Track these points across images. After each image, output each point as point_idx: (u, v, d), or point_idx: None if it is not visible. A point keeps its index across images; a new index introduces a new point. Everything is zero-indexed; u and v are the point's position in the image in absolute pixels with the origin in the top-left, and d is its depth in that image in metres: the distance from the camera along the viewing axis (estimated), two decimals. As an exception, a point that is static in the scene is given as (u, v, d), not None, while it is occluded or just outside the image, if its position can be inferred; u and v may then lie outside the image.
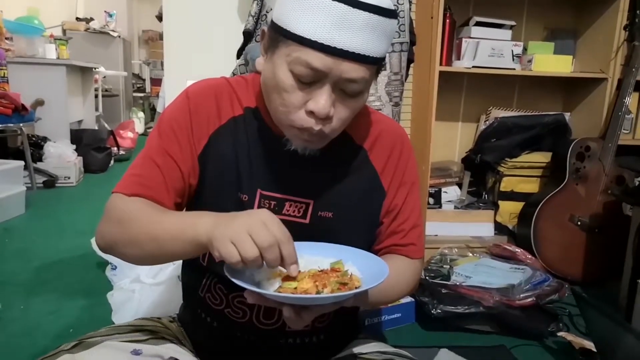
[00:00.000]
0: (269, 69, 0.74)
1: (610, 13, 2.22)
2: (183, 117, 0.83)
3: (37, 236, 2.51)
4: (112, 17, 5.95)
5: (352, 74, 0.69)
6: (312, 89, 0.71)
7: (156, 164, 0.80)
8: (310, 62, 0.68)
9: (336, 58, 0.68)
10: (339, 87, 0.71)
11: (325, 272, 0.71)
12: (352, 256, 0.77)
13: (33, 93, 3.58)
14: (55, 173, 3.59)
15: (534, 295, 1.63)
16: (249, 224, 0.63)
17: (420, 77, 2.16)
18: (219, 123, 0.84)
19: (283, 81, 0.71)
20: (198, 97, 0.84)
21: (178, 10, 2.01)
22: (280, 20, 0.71)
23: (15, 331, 1.55)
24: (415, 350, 0.91)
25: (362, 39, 0.68)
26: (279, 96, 0.73)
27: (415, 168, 0.93)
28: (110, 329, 0.86)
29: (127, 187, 0.80)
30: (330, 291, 0.66)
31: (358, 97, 0.74)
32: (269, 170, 0.83)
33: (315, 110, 0.71)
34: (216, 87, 0.85)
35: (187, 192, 0.84)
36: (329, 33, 0.67)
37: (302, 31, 0.68)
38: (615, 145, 2.07)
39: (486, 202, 2.39)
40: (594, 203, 2.09)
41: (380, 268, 0.72)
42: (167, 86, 2.06)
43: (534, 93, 2.52)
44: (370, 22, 0.68)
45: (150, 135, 0.85)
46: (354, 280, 0.69)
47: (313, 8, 0.67)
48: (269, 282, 0.69)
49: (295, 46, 0.69)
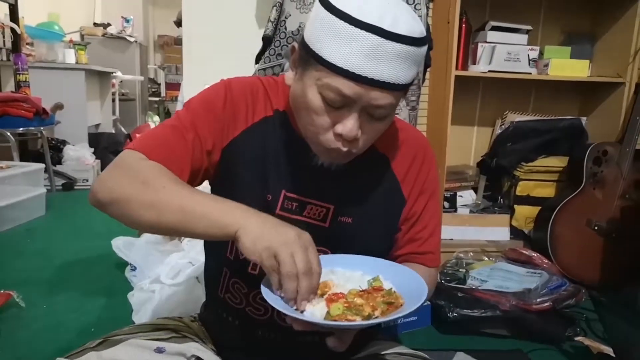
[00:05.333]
0: (299, 87, 0.75)
1: (628, 17, 2.21)
2: (220, 103, 0.83)
3: (57, 237, 2.56)
4: (129, 22, 6.02)
5: (381, 101, 0.70)
6: (340, 112, 0.72)
7: (183, 136, 0.79)
8: (341, 90, 0.69)
9: (366, 86, 0.69)
10: (366, 112, 0.72)
11: (369, 292, 0.71)
12: (385, 269, 0.77)
13: (53, 97, 3.64)
14: (74, 176, 3.65)
15: (550, 300, 1.62)
16: (293, 243, 0.65)
17: (436, 81, 2.17)
18: (252, 120, 0.85)
19: (312, 103, 0.72)
20: (236, 89, 0.85)
21: (197, 15, 2.04)
22: (312, 43, 0.71)
23: (39, 329, 1.58)
24: (431, 353, 0.91)
25: (393, 69, 0.68)
26: (307, 116, 0.75)
27: (436, 177, 0.93)
28: (134, 328, 0.88)
29: (151, 150, 0.77)
30: (381, 312, 0.66)
31: (384, 120, 0.75)
32: (293, 172, 0.85)
33: (343, 133, 0.72)
34: (252, 85, 0.87)
35: (199, 176, 0.83)
36: (361, 63, 0.67)
37: (334, 59, 0.68)
38: (632, 149, 2.05)
39: (502, 206, 2.38)
40: (611, 207, 2.08)
41: (415, 280, 0.73)
42: (185, 91, 2.09)
43: (551, 97, 2.51)
44: (402, 53, 0.68)
45: (178, 111, 0.84)
46: (398, 298, 0.69)
47: (346, 37, 0.67)
48: (311, 303, 0.68)
49: (326, 72, 0.69)
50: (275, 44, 1.58)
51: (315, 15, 0.72)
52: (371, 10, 0.67)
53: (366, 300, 0.68)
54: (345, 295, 0.70)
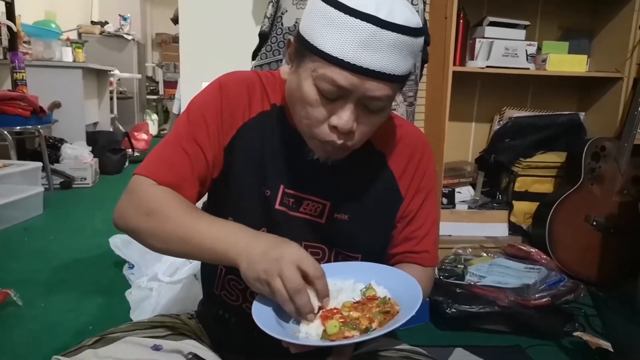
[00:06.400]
0: (295, 80, 0.75)
1: (625, 12, 2.20)
2: (214, 106, 0.83)
3: (55, 236, 2.56)
4: (127, 20, 6.02)
5: (377, 92, 0.70)
6: (336, 104, 0.71)
7: (185, 152, 0.80)
8: (336, 80, 0.68)
9: (362, 77, 0.68)
10: (362, 103, 0.71)
11: (364, 303, 0.69)
12: (376, 274, 0.76)
13: (50, 95, 3.64)
14: (71, 174, 3.65)
15: (549, 296, 1.63)
16: (279, 266, 0.65)
17: (434, 77, 2.16)
18: (249, 116, 0.84)
19: (308, 95, 0.72)
20: (231, 87, 0.84)
21: (194, 12, 2.04)
22: (307, 34, 0.71)
23: (36, 328, 1.58)
24: (430, 349, 0.91)
25: (389, 59, 0.68)
26: (302, 109, 0.74)
27: (434, 175, 0.93)
28: (131, 325, 0.87)
29: (157, 172, 0.79)
30: (378, 324, 0.65)
31: (381, 112, 0.75)
32: (291, 167, 0.84)
33: (338, 125, 0.71)
34: (248, 80, 0.86)
35: (208, 182, 0.84)
36: (356, 52, 0.66)
37: (329, 49, 0.67)
38: (631, 145, 2.05)
39: (500, 202, 2.38)
40: (609, 203, 2.08)
41: (408, 282, 0.72)
42: (183, 88, 2.08)
43: (549, 93, 2.51)
44: (398, 42, 0.67)
45: (178, 120, 0.85)
46: (394, 306, 0.68)
47: (341, 26, 0.66)
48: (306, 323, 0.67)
49: (321, 62, 0.69)
50: (272, 40, 1.57)
51: (310, 6, 0.72)
52: (368, 0, 0.66)
53: (362, 312, 0.67)
54: (340, 309, 0.68)
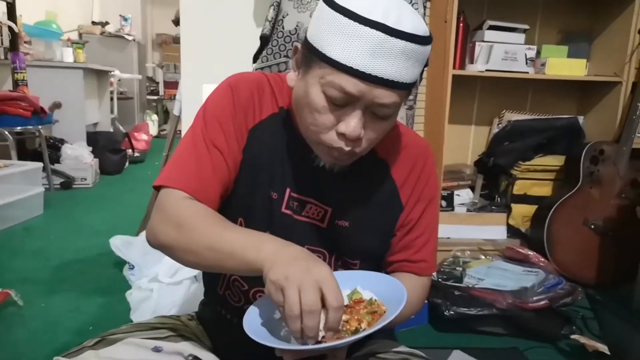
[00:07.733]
0: (302, 87, 0.75)
1: (625, 16, 2.22)
2: (228, 109, 0.82)
3: (55, 236, 2.57)
4: (127, 20, 6.03)
5: (385, 99, 0.70)
6: (343, 111, 0.72)
7: (206, 157, 0.79)
8: (344, 87, 0.68)
9: (370, 84, 0.68)
10: (370, 110, 0.72)
11: (351, 307, 0.70)
12: (361, 280, 0.77)
13: (51, 96, 3.64)
14: (72, 174, 3.65)
15: (547, 298, 1.63)
16: (302, 277, 0.61)
17: (433, 80, 2.17)
18: (260, 117, 0.84)
19: (315, 102, 0.72)
20: (241, 89, 0.84)
21: (195, 14, 2.04)
22: (315, 41, 0.71)
23: (37, 327, 1.59)
24: (428, 351, 0.91)
25: (397, 67, 0.68)
26: (310, 115, 0.74)
27: (436, 184, 0.93)
28: (131, 327, 0.87)
29: (183, 183, 0.78)
30: (367, 324, 0.66)
31: (388, 119, 0.75)
32: (297, 171, 0.84)
33: (346, 132, 0.72)
34: (257, 81, 0.86)
35: (230, 184, 0.83)
36: (365, 60, 0.67)
37: (338, 56, 0.68)
38: (629, 148, 2.06)
39: (499, 205, 2.39)
40: (608, 206, 2.09)
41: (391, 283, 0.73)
42: (183, 90, 2.08)
43: (548, 96, 2.51)
44: (406, 50, 0.67)
45: (193, 125, 0.84)
46: (380, 306, 0.70)
47: (350, 34, 0.67)
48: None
49: (329, 69, 0.69)
50: (273, 43, 1.58)
51: (318, 14, 0.72)
52: (376, 8, 0.67)
53: (350, 314, 0.68)
54: None
